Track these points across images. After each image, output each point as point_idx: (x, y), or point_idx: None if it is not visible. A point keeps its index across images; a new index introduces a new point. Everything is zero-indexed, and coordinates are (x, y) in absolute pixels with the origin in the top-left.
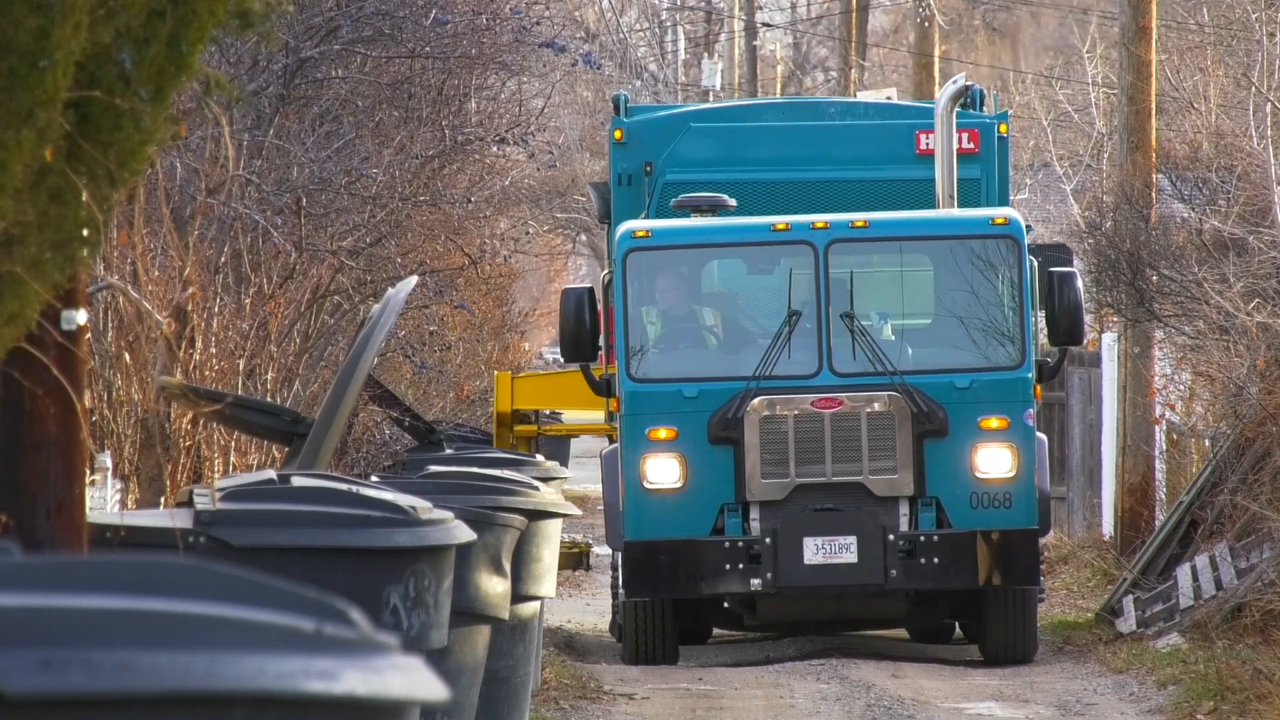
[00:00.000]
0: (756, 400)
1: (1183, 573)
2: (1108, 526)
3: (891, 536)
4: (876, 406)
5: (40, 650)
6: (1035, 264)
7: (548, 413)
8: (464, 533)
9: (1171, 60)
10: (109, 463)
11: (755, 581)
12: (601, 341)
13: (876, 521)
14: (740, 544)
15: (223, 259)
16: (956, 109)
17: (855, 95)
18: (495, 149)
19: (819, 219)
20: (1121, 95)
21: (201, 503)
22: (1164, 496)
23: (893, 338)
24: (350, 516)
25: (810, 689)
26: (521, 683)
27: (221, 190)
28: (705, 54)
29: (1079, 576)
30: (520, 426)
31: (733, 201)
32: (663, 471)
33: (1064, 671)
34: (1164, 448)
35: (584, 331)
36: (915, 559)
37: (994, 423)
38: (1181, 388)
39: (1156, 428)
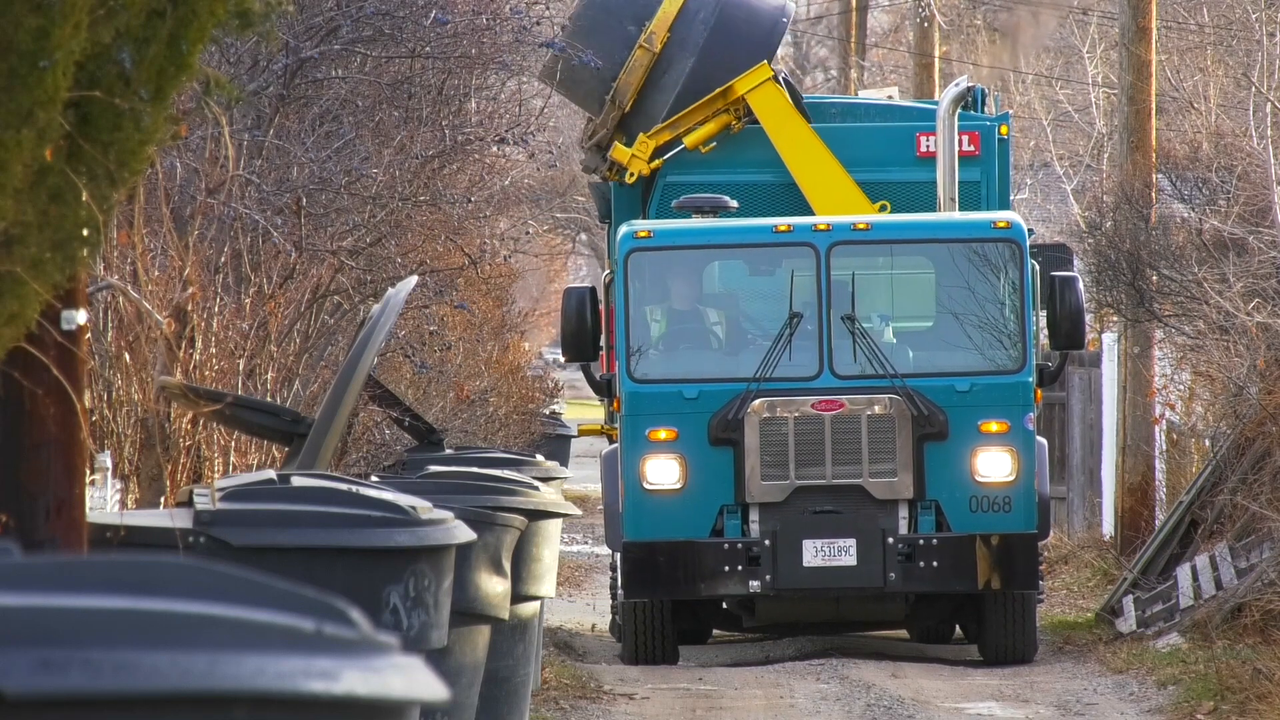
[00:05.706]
0: (757, 402)
1: (1183, 573)
2: (1108, 526)
3: (891, 539)
4: (877, 409)
5: (40, 650)
6: (1036, 267)
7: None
8: (464, 533)
9: (1171, 60)
10: (109, 463)
11: (754, 583)
12: (602, 342)
13: (876, 524)
14: (739, 546)
15: (223, 259)
16: (958, 111)
17: (856, 94)
18: (495, 149)
19: (821, 221)
20: (1121, 95)
21: (201, 503)
22: (1164, 496)
23: (893, 340)
24: (350, 516)
25: (810, 689)
26: (521, 683)
27: (221, 190)
28: None
29: (1079, 576)
30: None
31: (734, 203)
32: (662, 472)
33: (1064, 671)
34: (1164, 448)
35: (585, 332)
36: (914, 562)
37: (994, 426)
38: (1181, 388)
39: (1156, 428)
